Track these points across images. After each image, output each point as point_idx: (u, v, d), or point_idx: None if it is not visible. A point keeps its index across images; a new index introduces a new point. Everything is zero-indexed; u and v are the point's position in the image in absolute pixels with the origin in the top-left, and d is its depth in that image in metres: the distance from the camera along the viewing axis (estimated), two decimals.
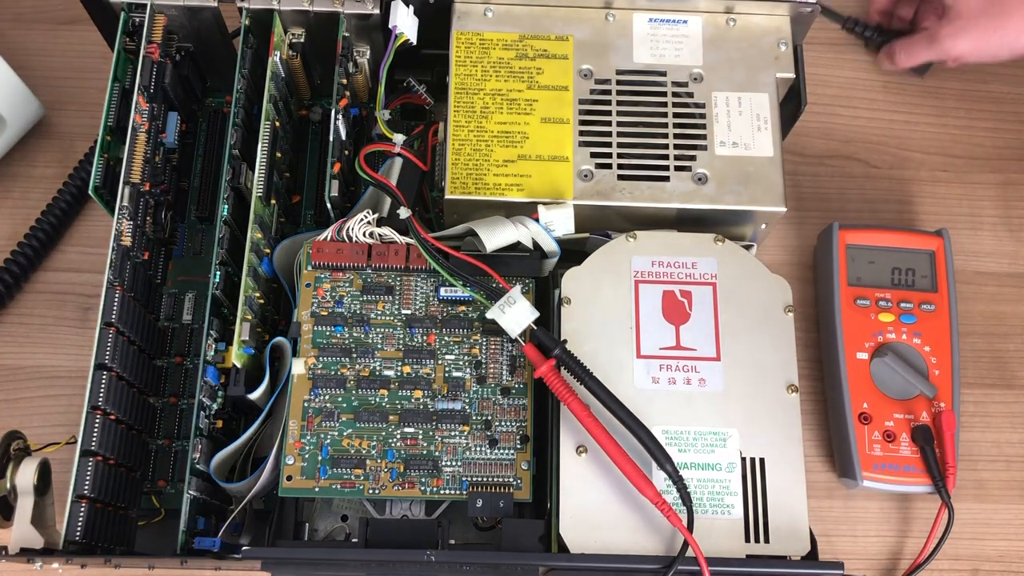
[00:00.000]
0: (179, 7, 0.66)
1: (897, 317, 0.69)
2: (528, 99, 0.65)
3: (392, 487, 0.59)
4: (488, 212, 0.63)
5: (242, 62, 0.65)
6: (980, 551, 0.69)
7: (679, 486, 0.56)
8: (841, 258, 0.71)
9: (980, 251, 0.77)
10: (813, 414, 0.71)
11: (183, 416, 0.66)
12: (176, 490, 0.65)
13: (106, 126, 0.64)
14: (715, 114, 0.65)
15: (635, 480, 0.56)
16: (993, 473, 0.71)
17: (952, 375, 0.68)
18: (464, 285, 0.61)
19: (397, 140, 0.66)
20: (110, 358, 0.58)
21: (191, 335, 0.69)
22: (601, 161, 0.63)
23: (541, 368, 0.58)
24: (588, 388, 0.58)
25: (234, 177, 0.63)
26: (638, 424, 0.56)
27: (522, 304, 0.58)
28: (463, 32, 0.66)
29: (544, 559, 0.57)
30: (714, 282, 0.62)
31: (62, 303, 0.72)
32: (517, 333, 0.59)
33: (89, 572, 0.65)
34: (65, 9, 0.81)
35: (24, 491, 0.56)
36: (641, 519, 0.57)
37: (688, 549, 0.55)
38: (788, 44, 0.66)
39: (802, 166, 0.79)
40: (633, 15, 0.67)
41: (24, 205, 0.75)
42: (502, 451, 0.60)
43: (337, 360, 0.62)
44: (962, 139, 0.80)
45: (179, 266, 0.71)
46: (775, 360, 0.60)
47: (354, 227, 0.63)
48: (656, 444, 0.56)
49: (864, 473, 0.66)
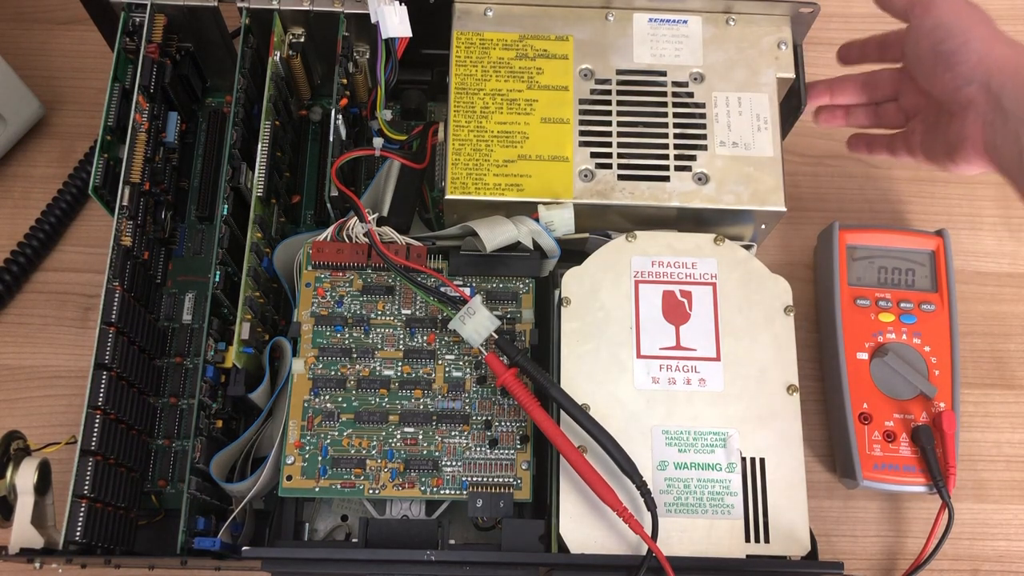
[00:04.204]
0: (179, 7, 0.66)
1: (897, 317, 0.69)
2: (528, 99, 0.65)
3: (392, 487, 0.59)
4: (488, 212, 0.63)
5: (242, 62, 0.65)
6: (980, 551, 0.69)
7: (643, 491, 0.56)
8: (841, 258, 0.71)
9: (980, 251, 0.77)
10: (813, 414, 0.71)
11: (183, 416, 0.66)
12: (176, 490, 0.65)
13: (106, 126, 0.64)
14: (715, 114, 0.65)
15: (597, 488, 0.56)
16: (993, 473, 0.71)
17: (952, 375, 0.68)
18: (426, 295, 0.61)
19: (376, 144, 0.66)
20: (110, 358, 0.58)
21: (191, 335, 0.69)
22: (601, 161, 0.63)
23: (503, 377, 0.58)
24: (551, 397, 0.58)
25: (234, 177, 0.63)
26: (602, 432, 0.56)
27: (482, 314, 0.59)
28: (463, 32, 0.66)
29: (544, 559, 0.57)
30: (714, 282, 0.62)
31: (62, 303, 0.72)
32: (479, 343, 0.59)
33: (89, 572, 0.65)
34: (65, 9, 0.81)
35: (24, 491, 0.56)
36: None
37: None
38: (788, 44, 0.66)
39: (802, 166, 0.79)
40: (633, 15, 0.67)
41: (24, 205, 0.75)
42: (502, 451, 0.60)
43: (337, 360, 0.62)
44: None
45: (179, 266, 0.71)
46: (775, 360, 0.60)
47: (354, 227, 0.63)
48: (620, 452, 0.56)
49: (864, 473, 0.66)
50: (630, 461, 0.56)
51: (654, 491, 0.57)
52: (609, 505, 0.56)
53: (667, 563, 0.54)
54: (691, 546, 0.57)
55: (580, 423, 0.57)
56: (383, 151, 0.67)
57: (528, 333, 0.63)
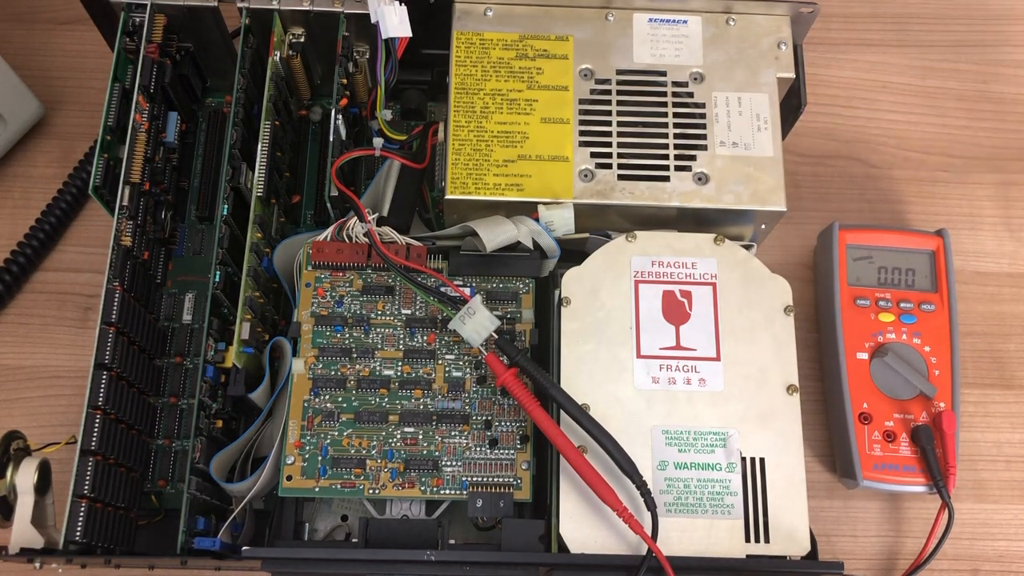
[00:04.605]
0: (179, 7, 0.66)
1: (897, 317, 0.69)
2: (528, 99, 0.65)
3: (392, 487, 0.59)
4: (488, 212, 0.63)
5: (242, 62, 0.65)
6: (980, 551, 0.69)
7: (643, 491, 0.56)
8: (841, 258, 0.71)
9: (980, 251, 0.77)
10: (813, 414, 0.71)
11: (183, 416, 0.66)
12: (176, 490, 0.65)
13: (106, 126, 0.64)
14: (715, 114, 0.65)
15: (597, 488, 0.56)
16: (993, 473, 0.71)
17: (952, 375, 0.68)
18: (426, 295, 0.61)
19: (376, 144, 0.66)
20: (110, 358, 0.58)
21: (191, 335, 0.69)
22: (601, 161, 0.63)
23: (503, 377, 0.58)
24: (551, 397, 0.58)
25: (234, 177, 0.63)
26: (602, 432, 0.56)
27: (482, 314, 0.59)
28: (463, 32, 0.66)
29: (544, 559, 0.57)
30: (714, 282, 0.62)
31: (62, 303, 0.72)
32: (479, 343, 0.59)
33: (89, 572, 0.65)
34: (65, 9, 0.81)
35: (24, 491, 0.56)
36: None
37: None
38: (788, 44, 0.66)
39: (802, 166, 0.79)
40: (633, 15, 0.67)
41: (24, 205, 0.75)
42: (502, 451, 0.60)
43: (337, 360, 0.62)
44: (962, 139, 0.80)
45: (179, 266, 0.71)
46: (775, 360, 0.60)
47: (354, 227, 0.63)
48: (620, 452, 0.56)
49: (864, 473, 0.66)
50: (630, 461, 0.56)
51: (654, 491, 0.57)
52: (609, 505, 0.56)
53: (667, 563, 0.54)
54: (691, 546, 0.57)
55: (580, 423, 0.57)
56: (383, 151, 0.67)
57: (528, 333, 0.63)
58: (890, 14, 0.85)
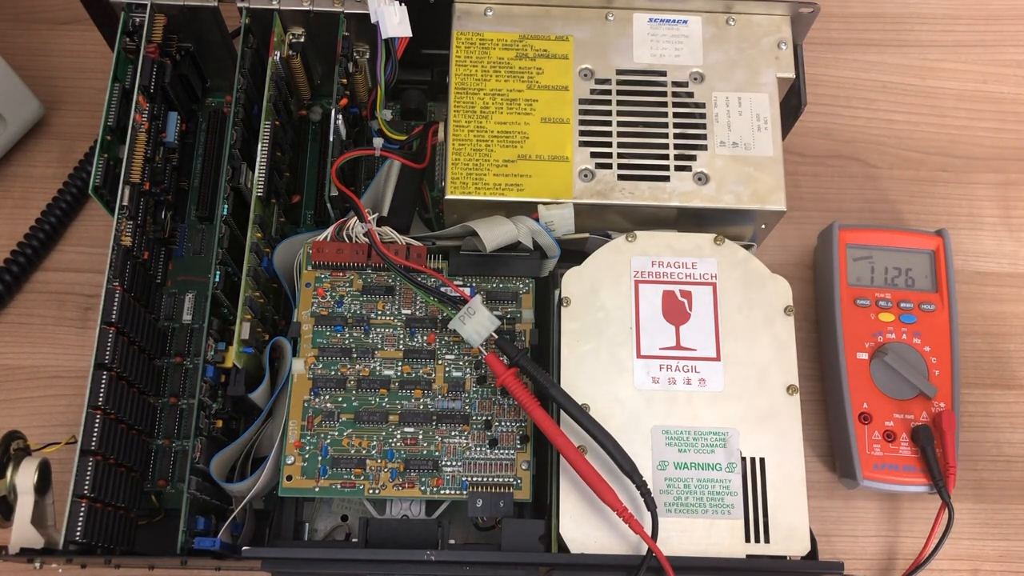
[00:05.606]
0: (179, 7, 0.66)
1: (897, 317, 0.69)
2: (528, 99, 0.65)
3: (392, 487, 0.59)
4: (488, 212, 0.63)
5: (242, 62, 0.65)
6: (980, 551, 0.69)
7: (643, 491, 0.56)
8: (841, 258, 0.71)
9: (980, 251, 0.77)
10: (813, 414, 0.71)
11: (183, 416, 0.66)
12: (176, 490, 0.65)
13: (106, 126, 0.64)
14: (715, 114, 0.65)
15: (597, 488, 0.56)
16: (993, 473, 0.71)
17: (952, 375, 0.68)
18: (426, 295, 0.61)
19: (376, 144, 0.66)
20: (110, 358, 0.58)
21: (191, 335, 0.69)
22: (601, 161, 0.63)
23: (503, 377, 0.58)
24: (551, 397, 0.58)
25: (234, 177, 0.63)
26: (602, 432, 0.56)
27: (482, 314, 0.59)
28: (463, 32, 0.66)
29: (544, 559, 0.57)
30: (714, 282, 0.62)
31: (62, 303, 0.72)
32: (479, 343, 0.59)
33: (89, 572, 0.65)
34: (65, 9, 0.81)
35: (24, 491, 0.56)
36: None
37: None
38: (788, 44, 0.66)
39: (802, 166, 0.79)
40: (633, 15, 0.67)
41: (24, 205, 0.75)
42: (502, 451, 0.60)
43: (337, 360, 0.62)
44: (962, 139, 0.80)
45: (179, 266, 0.71)
46: (775, 360, 0.60)
47: (354, 227, 0.63)
48: (620, 452, 0.56)
49: (864, 473, 0.66)
50: (630, 461, 0.56)
51: (654, 491, 0.57)
52: (609, 505, 0.56)
53: (667, 563, 0.54)
54: (691, 546, 0.57)
55: (580, 423, 0.57)
56: (383, 151, 0.67)
57: (528, 333, 0.63)
58: (890, 14, 0.85)
